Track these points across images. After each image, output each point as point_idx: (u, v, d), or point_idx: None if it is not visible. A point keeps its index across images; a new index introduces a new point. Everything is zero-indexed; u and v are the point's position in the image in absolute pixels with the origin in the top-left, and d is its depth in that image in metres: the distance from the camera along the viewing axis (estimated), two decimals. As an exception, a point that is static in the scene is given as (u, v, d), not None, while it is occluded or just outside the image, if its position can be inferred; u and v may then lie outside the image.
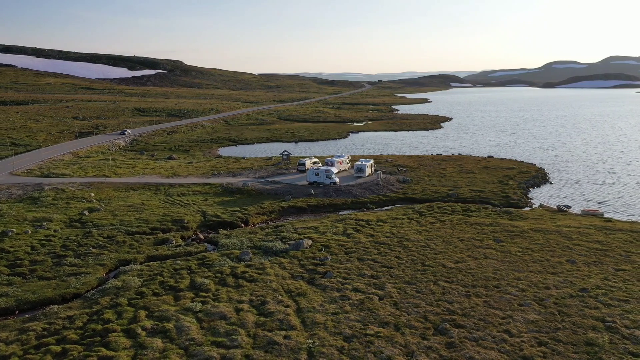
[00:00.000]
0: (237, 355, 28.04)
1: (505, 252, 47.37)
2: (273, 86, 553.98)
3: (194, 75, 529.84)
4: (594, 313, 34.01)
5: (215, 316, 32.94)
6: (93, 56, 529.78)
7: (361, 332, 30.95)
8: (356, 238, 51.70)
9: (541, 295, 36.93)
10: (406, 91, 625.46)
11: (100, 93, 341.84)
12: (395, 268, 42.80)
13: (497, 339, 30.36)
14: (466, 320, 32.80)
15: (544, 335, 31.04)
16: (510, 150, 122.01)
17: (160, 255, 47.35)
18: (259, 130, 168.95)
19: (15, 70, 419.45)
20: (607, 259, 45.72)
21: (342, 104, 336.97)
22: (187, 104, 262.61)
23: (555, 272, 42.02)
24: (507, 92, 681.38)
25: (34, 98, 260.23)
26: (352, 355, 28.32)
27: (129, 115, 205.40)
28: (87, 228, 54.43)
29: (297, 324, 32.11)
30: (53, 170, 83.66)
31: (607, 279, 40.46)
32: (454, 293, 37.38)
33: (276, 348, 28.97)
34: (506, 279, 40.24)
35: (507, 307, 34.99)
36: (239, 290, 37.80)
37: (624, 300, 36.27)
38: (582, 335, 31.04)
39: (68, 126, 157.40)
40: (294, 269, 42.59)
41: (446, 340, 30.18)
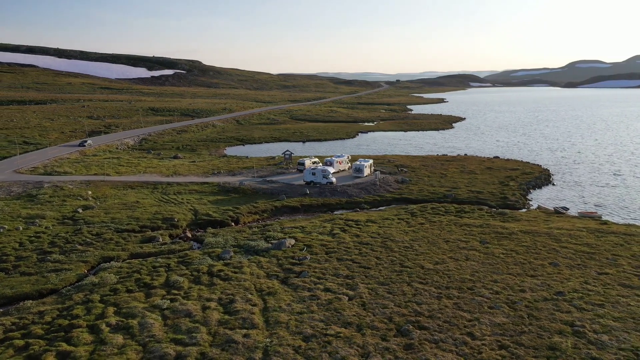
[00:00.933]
0: (192, 352, 28.28)
1: (488, 254, 46.79)
2: (290, 86, 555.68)
3: (212, 75, 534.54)
4: (565, 317, 33.40)
5: (181, 313, 33.26)
6: (113, 56, 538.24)
7: (322, 332, 30.91)
8: (341, 238, 51.61)
9: (514, 298, 36.40)
10: (424, 91, 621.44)
11: (119, 93, 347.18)
12: (373, 268, 42.62)
13: (458, 342, 30.02)
14: (431, 322, 32.51)
15: (507, 338, 30.60)
16: (518, 151, 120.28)
17: (144, 253, 47.95)
18: (268, 130, 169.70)
19: (37, 71, 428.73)
20: (592, 262, 44.83)
21: (357, 103, 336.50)
22: (201, 104, 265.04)
23: (535, 275, 41.36)
24: (527, 92, 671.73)
25: (53, 98, 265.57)
26: (307, 355, 28.31)
27: (142, 115, 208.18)
28: (78, 225, 55.40)
29: (260, 322, 32.23)
30: (56, 169, 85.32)
31: (587, 283, 39.67)
32: (426, 294, 37.07)
33: (233, 346, 29.12)
34: (482, 281, 39.75)
35: (477, 309, 34.57)
36: (211, 288, 38.08)
37: (599, 304, 35.52)
38: (547, 339, 30.50)
39: (81, 125, 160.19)
40: (271, 268, 42.73)
41: (406, 342, 29.97)
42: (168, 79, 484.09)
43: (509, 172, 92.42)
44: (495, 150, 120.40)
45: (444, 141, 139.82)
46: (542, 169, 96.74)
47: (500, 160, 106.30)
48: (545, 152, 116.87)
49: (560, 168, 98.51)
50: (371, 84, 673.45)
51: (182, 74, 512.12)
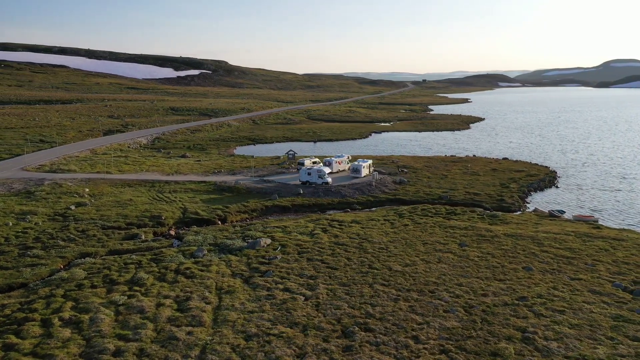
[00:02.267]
0: (131, 348, 28.78)
1: (463, 256, 46.05)
2: (314, 86, 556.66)
3: (237, 75, 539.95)
4: (519, 323, 32.64)
5: (134, 310, 33.85)
6: (141, 57, 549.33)
7: (266, 332, 31.02)
8: (319, 238, 51.58)
9: (473, 302, 35.75)
10: (450, 91, 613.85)
11: (144, 93, 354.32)
12: (340, 269, 42.48)
13: (399, 345, 29.70)
14: (379, 325, 32.24)
15: (451, 343, 30.10)
16: (529, 152, 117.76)
17: (122, 250, 48.90)
18: (282, 130, 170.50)
19: (68, 71, 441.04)
20: (569, 267, 43.65)
21: (378, 103, 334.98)
22: (222, 104, 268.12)
23: (503, 279, 40.53)
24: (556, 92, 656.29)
25: (79, 97, 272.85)
26: (243, 354, 28.47)
27: (162, 115, 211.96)
28: (67, 222, 56.87)
29: (207, 320, 32.55)
30: (62, 167, 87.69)
31: (556, 288, 38.67)
32: (383, 297, 36.76)
33: (174, 343, 29.50)
34: (447, 284, 39.17)
35: (431, 313, 34.10)
36: (173, 285, 38.62)
37: (559, 310, 34.59)
38: (493, 345, 29.89)
39: (100, 124, 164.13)
40: (239, 267, 43.04)
41: (347, 344, 29.81)
42: (194, 79, 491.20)
43: (513, 173, 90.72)
44: (506, 152, 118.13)
45: (455, 142, 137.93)
46: (549, 171, 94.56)
47: (508, 162, 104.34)
48: (557, 154, 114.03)
49: (567, 170, 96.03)
50: (396, 84, 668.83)
51: (207, 74, 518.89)
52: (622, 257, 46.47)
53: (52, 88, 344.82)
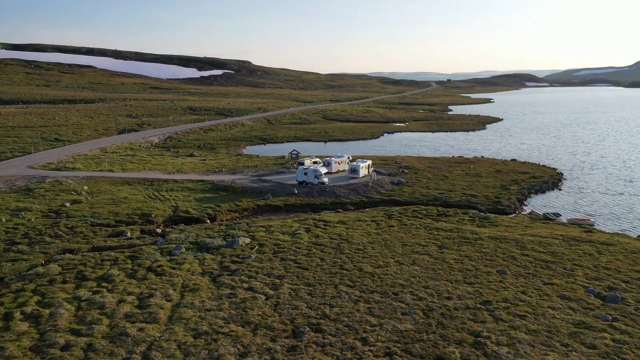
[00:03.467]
0: (80, 342, 29.43)
1: (439, 259, 45.51)
2: (336, 86, 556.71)
3: (259, 75, 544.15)
4: (475, 327, 32.11)
5: (95, 305, 34.56)
6: (166, 57, 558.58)
7: (216, 330, 31.28)
8: (299, 238, 51.67)
9: (434, 306, 35.31)
10: (475, 91, 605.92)
11: (167, 92, 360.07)
12: (310, 269, 42.50)
13: (345, 347, 29.57)
14: (332, 325, 32.16)
15: (399, 346, 29.83)
16: (538, 153, 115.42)
17: (105, 247, 49.90)
18: (295, 130, 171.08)
19: (94, 71, 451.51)
20: (546, 271, 42.70)
21: (398, 103, 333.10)
22: (240, 104, 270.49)
23: (473, 283, 39.90)
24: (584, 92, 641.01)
25: (102, 97, 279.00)
26: (187, 352, 28.79)
27: (180, 114, 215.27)
28: (59, 219, 58.30)
29: (163, 318, 33.00)
30: (68, 165, 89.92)
31: (525, 293, 37.89)
32: (345, 298, 36.64)
33: (123, 339, 30.02)
34: (413, 287, 38.78)
35: (387, 315, 33.82)
36: (141, 282, 39.26)
37: (521, 315, 33.89)
38: (441, 349, 29.49)
39: (117, 123, 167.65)
40: (210, 266, 43.47)
41: (293, 344, 29.83)
42: (217, 79, 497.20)
43: (517, 175, 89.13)
44: (515, 153, 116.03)
45: (466, 143, 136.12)
46: (555, 173, 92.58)
47: (514, 163, 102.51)
48: (567, 156, 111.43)
49: (574, 173, 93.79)
50: (419, 84, 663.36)
51: (230, 74, 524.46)
52: (604, 262, 45.22)
53: (78, 88, 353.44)
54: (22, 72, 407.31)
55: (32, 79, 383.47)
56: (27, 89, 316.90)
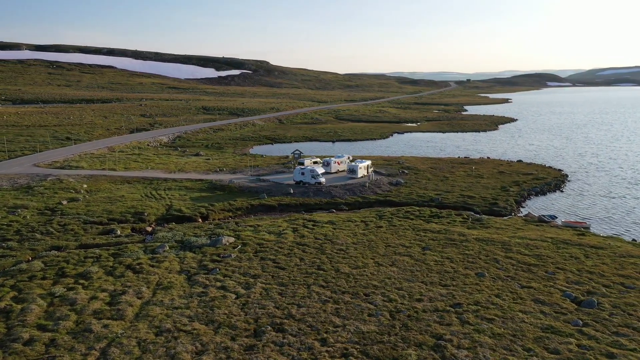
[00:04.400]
0: (43, 337, 30.02)
1: (419, 260, 45.17)
2: (353, 86, 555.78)
3: (277, 75, 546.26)
4: (439, 330, 31.80)
5: (67, 302, 35.20)
6: (185, 57, 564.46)
7: (179, 328, 31.59)
8: (284, 238, 51.81)
9: (403, 307, 35.08)
10: (494, 91, 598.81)
11: (184, 92, 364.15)
12: (287, 269, 42.60)
13: (303, 347, 29.58)
14: (294, 325, 32.20)
15: (357, 347, 29.71)
16: (546, 154, 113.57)
17: (92, 244, 50.71)
18: (305, 130, 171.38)
19: (114, 71, 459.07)
20: (527, 274, 42.05)
21: (413, 103, 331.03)
22: (254, 103, 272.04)
23: (448, 285, 39.52)
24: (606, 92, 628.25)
25: (119, 97, 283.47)
26: (145, 349, 29.14)
27: (193, 114, 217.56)
28: (54, 216, 59.48)
29: (130, 315, 33.45)
30: (72, 164, 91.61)
31: (499, 296, 37.38)
32: (315, 298, 36.63)
33: (86, 335, 30.53)
34: (386, 288, 38.57)
35: (353, 316, 33.71)
36: (117, 280, 39.83)
37: (489, 319, 33.45)
38: (400, 351, 29.29)
39: (129, 123, 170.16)
40: (189, 264, 43.88)
41: (251, 343, 29.96)
42: (234, 78, 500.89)
43: (520, 176, 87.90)
44: (522, 154, 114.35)
45: (474, 144, 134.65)
46: (559, 174, 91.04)
47: (519, 164, 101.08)
48: (575, 157, 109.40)
49: (579, 175, 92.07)
50: (438, 84, 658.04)
51: (247, 74, 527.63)
52: (590, 266, 44.34)
53: (97, 88, 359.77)
54: (45, 73, 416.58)
55: (54, 79, 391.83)
56: (48, 89, 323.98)
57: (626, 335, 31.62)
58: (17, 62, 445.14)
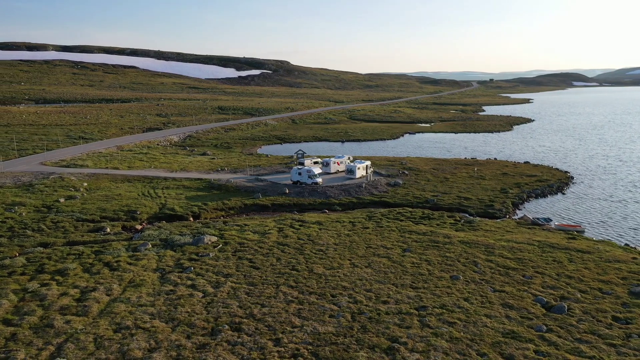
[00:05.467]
0: (5, 332, 30.83)
1: (397, 262, 44.87)
2: (373, 85, 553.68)
3: (296, 75, 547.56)
4: (397, 332, 31.56)
5: (38, 297, 36.06)
6: (206, 58, 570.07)
7: (138, 325, 32.07)
8: (267, 238, 52.05)
9: (367, 309, 34.91)
10: (516, 91, 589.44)
11: (204, 92, 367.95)
12: (261, 269, 42.81)
13: (256, 347, 29.72)
14: (252, 325, 32.36)
15: (310, 348, 29.70)
16: (555, 156, 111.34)
17: (79, 241, 51.71)
18: (316, 129, 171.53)
19: (136, 71, 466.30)
20: (503, 278, 41.41)
21: (432, 103, 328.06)
22: (271, 103, 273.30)
23: (419, 287, 39.17)
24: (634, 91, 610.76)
25: (138, 96, 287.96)
26: (100, 345, 29.68)
27: (209, 113, 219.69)
28: (49, 214, 60.90)
29: (94, 311, 34.09)
30: (78, 162, 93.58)
31: (468, 300, 36.90)
32: (280, 298, 36.74)
33: (46, 331, 31.24)
34: (355, 290, 38.45)
35: (314, 317, 33.71)
36: (92, 277, 40.59)
37: (451, 322, 33.07)
38: (351, 353, 29.19)
39: (144, 122, 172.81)
40: (166, 262, 44.43)
41: (205, 342, 30.22)
42: (254, 78, 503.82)
43: (523, 178, 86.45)
44: (531, 155, 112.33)
45: (483, 145, 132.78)
46: (564, 177, 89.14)
47: (525, 166, 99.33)
48: (584, 159, 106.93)
49: (585, 177, 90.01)
50: (459, 84, 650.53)
51: (268, 74, 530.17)
52: (571, 270, 43.42)
53: (119, 88, 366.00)
54: (69, 73, 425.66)
55: (78, 79, 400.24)
56: (71, 89, 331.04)
57: (589, 342, 30.92)
58: (44, 62, 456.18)
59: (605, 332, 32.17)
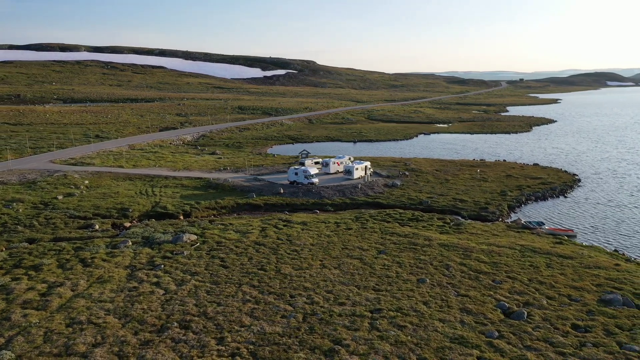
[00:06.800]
0: (-38, 324, 32.04)
1: (367, 264, 44.61)
2: (398, 85, 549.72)
3: (322, 75, 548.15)
4: (343, 335, 31.43)
5: (5, 291, 37.28)
6: (232, 58, 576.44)
7: (91, 320, 32.82)
8: (246, 237, 52.45)
9: (320, 310, 34.86)
10: (547, 91, 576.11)
11: (228, 92, 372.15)
12: (230, 268, 43.22)
13: (198, 345, 30.05)
14: (202, 323, 32.73)
15: (251, 347, 29.87)
16: (565, 158, 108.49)
17: (65, 237, 53.13)
18: (330, 129, 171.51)
19: (164, 72, 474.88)
20: (470, 282, 40.72)
21: (455, 104, 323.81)
22: (291, 103, 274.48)
23: (381, 290, 38.87)
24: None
25: (162, 96, 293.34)
26: (49, 339, 30.50)
27: (229, 113, 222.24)
28: (45, 210, 62.77)
29: (54, 305, 35.05)
30: (86, 160, 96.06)
31: (427, 304, 36.43)
32: (239, 297, 37.03)
33: (2, 323, 32.30)
34: (316, 291, 38.43)
35: (265, 317, 33.84)
36: (65, 272, 41.71)
37: (401, 326, 32.73)
38: (290, 353, 29.23)
39: (162, 121, 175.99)
40: (140, 260, 45.27)
41: (150, 338, 30.71)
42: (279, 78, 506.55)
43: (527, 180, 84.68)
44: (541, 157, 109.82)
45: (494, 146, 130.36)
46: (571, 179, 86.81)
47: (533, 168, 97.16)
48: (595, 162, 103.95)
49: (592, 180, 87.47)
50: (487, 84, 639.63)
51: (293, 73, 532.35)
52: (545, 275, 42.38)
53: (146, 87, 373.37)
54: (99, 73, 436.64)
55: (107, 79, 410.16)
56: (99, 89, 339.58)
57: (538, 349, 30.16)
58: (75, 62, 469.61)
59: (559, 340, 31.33)
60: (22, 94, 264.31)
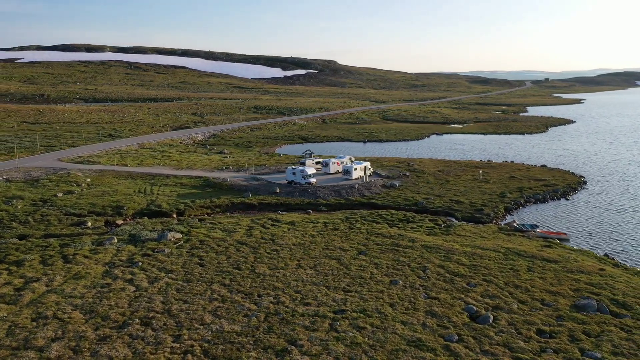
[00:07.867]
0: None
1: (344, 265, 44.49)
2: (419, 85, 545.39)
3: (342, 75, 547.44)
4: (300, 335, 31.44)
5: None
6: (253, 57, 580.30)
7: (57, 316, 33.54)
8: (231, 236, 52.84)
9: (284, 310, 34.93)
10: (572, 90, 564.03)
11: (247, 91, 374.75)
12: (206, 267, 43.63)
13: (153, 342, 30.44)
14: (163, 320, 33.13)
15: (205, 346, 30.08)
16: (574, 159, 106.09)
17: (56, 234, 54.26)
18: (342, 129, 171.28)
19: (186, 72, 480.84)
20: (444, 284, 40.26)
21: (474, 104, 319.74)
22: (307, 103, 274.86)
23: (351, 291, 38.71)
24: None
25: (181, 95, 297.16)
26: (12, 332, 31.28)
27: (244, 112, 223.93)
28: (43, 208, 64.31)
29: (25, 300, 35.93)
30: (93, 159, 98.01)
31: (393, 305, 36.17)
32: (206, 295, 37.36)
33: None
34: (285, 290, 38.52)
35: (227, 315, 34.07)
36: (45, 268, 42.66)
37: (361, 327, 32.58)
38: (242, 352, 29.35)
39: (177, 121, 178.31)
40: (121, 257, 46.01)
41: (109, 334, 31.24)
42: (299, 78, 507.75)
43: (530, 182, 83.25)
44: (550, 159, 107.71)
45: (504, 147, 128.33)
46: (576, 181, 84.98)
47: (538, 169, 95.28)
48: (604, 164, 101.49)
49: (597, 182, 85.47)
50: (510, 83, 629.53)
51: (313, 73, 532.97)
52: (523, 279, 41.61)
53: (168, 87, 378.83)
54: (123, 73, 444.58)
55: (129, 79, 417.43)
56: (121, 89, 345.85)
57: (494, 354, 29.69)
58: (100, 63, 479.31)
59: (519, 345, 30.75)
60: (46, 93, 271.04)
